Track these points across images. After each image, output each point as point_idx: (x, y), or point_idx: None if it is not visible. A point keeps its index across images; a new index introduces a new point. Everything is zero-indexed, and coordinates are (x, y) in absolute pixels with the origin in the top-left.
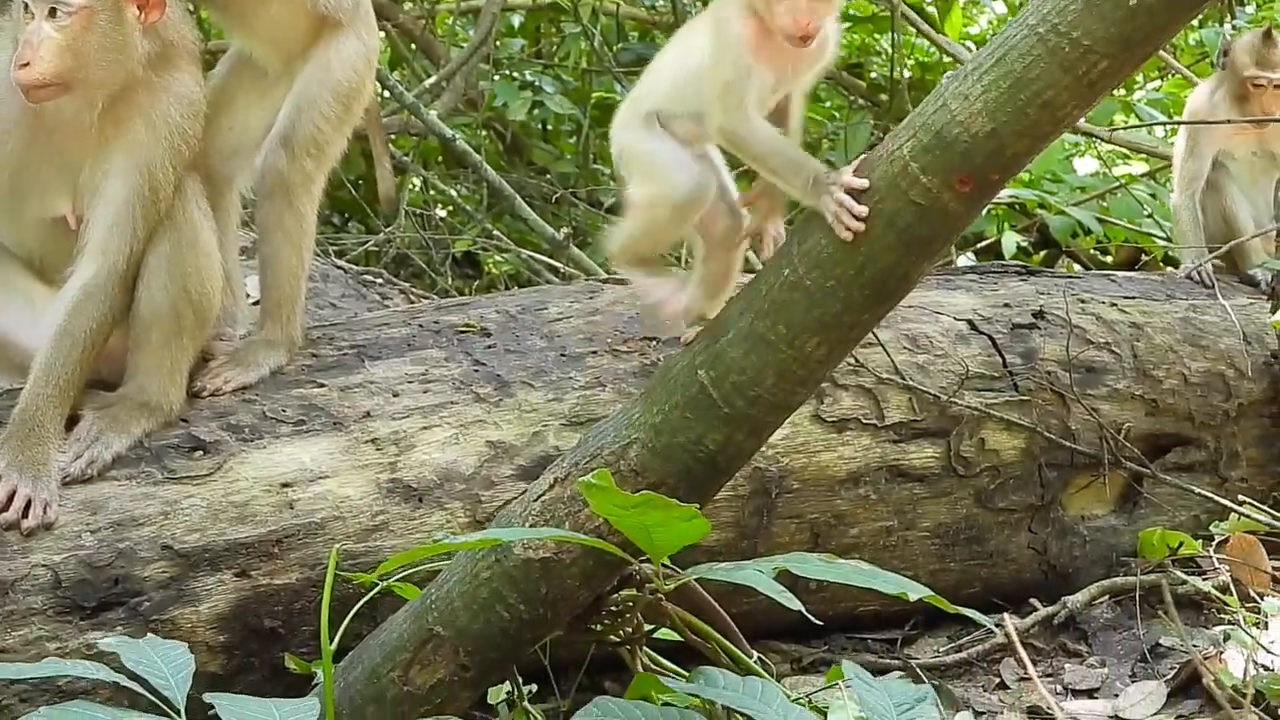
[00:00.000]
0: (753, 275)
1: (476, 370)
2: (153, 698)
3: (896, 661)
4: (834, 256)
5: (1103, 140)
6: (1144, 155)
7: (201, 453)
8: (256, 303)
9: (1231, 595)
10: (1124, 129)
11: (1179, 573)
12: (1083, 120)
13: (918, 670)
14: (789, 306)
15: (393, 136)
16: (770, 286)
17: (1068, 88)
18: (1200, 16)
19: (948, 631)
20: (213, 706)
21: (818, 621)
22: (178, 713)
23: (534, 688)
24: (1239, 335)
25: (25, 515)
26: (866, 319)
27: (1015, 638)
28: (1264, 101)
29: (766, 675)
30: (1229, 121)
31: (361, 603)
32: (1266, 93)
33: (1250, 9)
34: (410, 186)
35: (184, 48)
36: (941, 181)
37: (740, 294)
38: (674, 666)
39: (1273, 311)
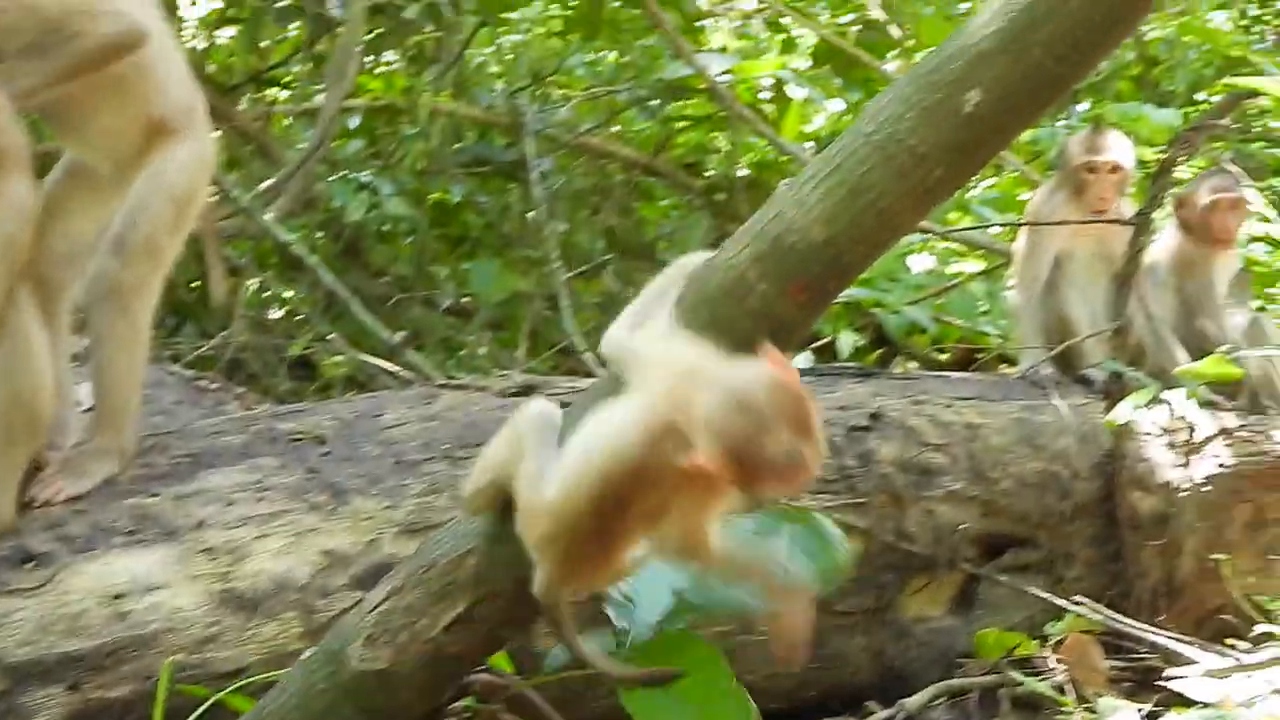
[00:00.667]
0: None
1: (311, 478)
2: None
3: None
4: None
5: (941, 238)
6: (980, 253)
7: (33, 564)
8: (89, 410)
9: (1068, 696)
10: (962, 229)
11: (1015, 674)
12: None
13: None
14: None
15: (229, 238)
16: (605, 392)
17: (903, 195)
18: None
19: None
20: None
21: None
22: None
23: None
24: (1074, 435)
25: None
26: None
27: None
28: (1098, 190)
29: None
30: (1065, 223)
31: (194, 717)
32: (1100, 179)
33: (1083, 106)
34: (246, 288)
35: (14, 153)
36: (778, 289)
37: (574, 405)
38: None
39: (1107, 411)
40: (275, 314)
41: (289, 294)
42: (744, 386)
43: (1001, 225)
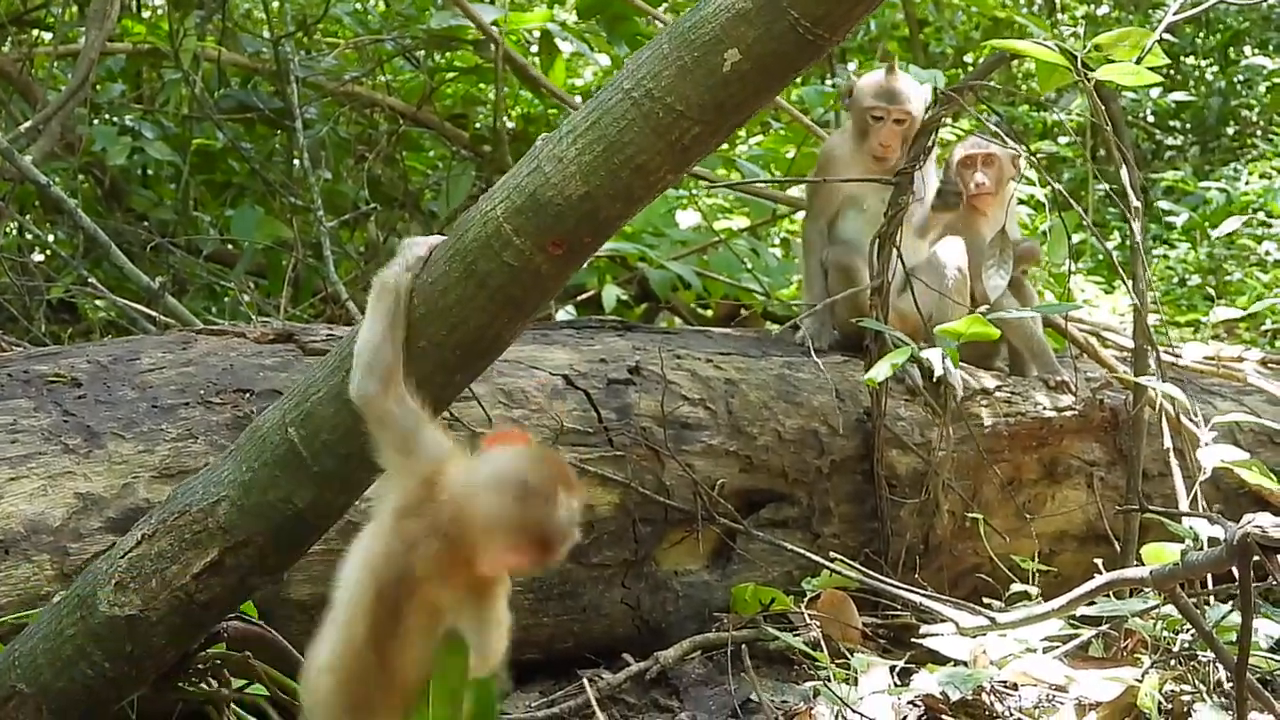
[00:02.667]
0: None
1: (66, 421)
2: None
3: None
4: (426, 317)
5: (707, 193)
6: (745, 210)
7: None
8: None
9: (822, 651)
10: (742, 184)
11: (770, 629)
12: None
13: None
14: None
15: None
16: None
17: (661, 152)
18: (803, 73)
19: (540, 686)
20: None
21: None
22: None
23: None
24: (832, 392)
25: None
26: (459, 379)
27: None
28: (881, 137)
29: None
30: (828, 180)
31: None
32: (885, 127)
33: (852, 66)
34: (5, 231)
35: None
36: (534, 243)
37: (332, 351)
38: None
39: (866, 369)
40: (37, 258)
41: (49, 238)
42: (513, 473)
43: (766, 182)
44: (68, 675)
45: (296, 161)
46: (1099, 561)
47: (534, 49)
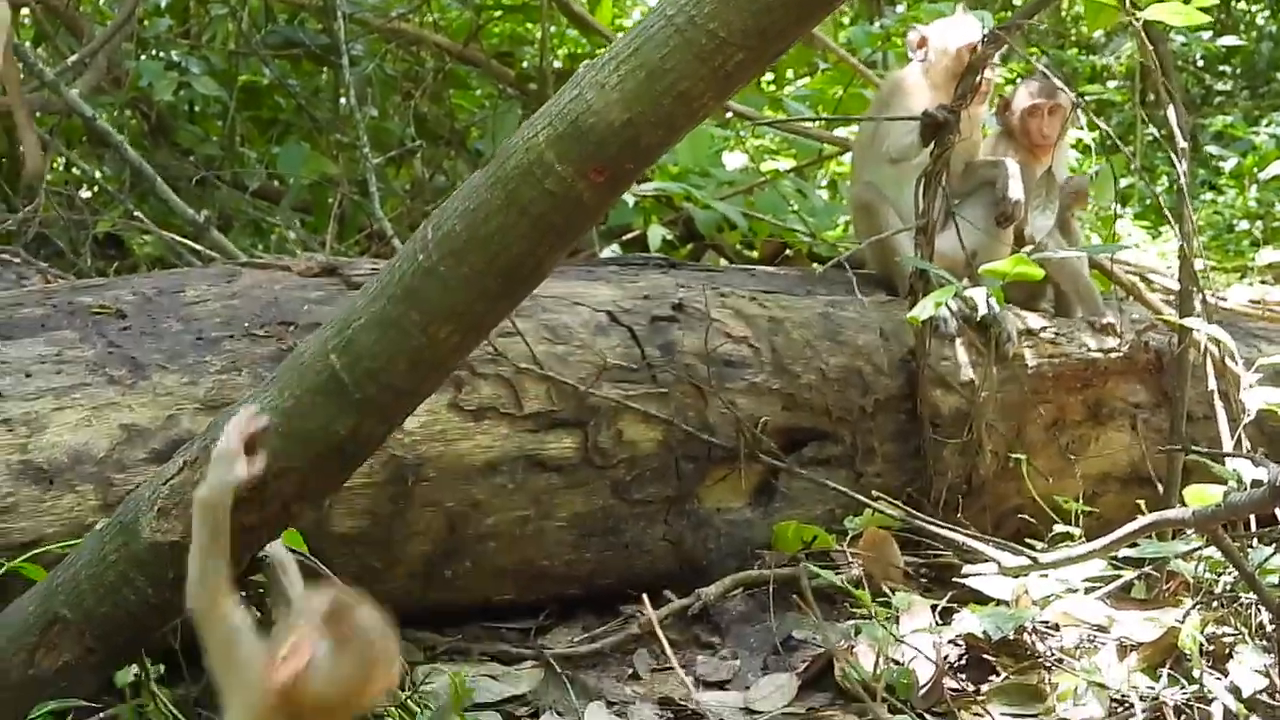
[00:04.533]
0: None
1: (111, 352)
2: None
3: (530, 651)
4: (468, 244)
5: (753, 134)
6: (792, 151)
7: None
8: None
9: (864, 590)
10: (793, 120)
11: (813, 566)
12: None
13: (551, 660)
14: (422, 293)
15: (35, 115)
16: (404, 273)
17: (703, 79)
18: (850, 13)
19: (582, 622)
20: None
21: None
22: None
23: (162, 668)
24: (877, 332)
25: None
26: (501, 307)
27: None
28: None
29: None
30: (867, 120)
31: None
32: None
33: (901, 8)
34: (53, 165)
35: None
36: (576, 171)
37: (374, 279)
38: None
39: (910, 309)
40: (84, 194)
41: (96, 173)
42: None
43: (813, 120)
44: (110, 601)
45: (343, 99)
46: (1141, 503)
47: None
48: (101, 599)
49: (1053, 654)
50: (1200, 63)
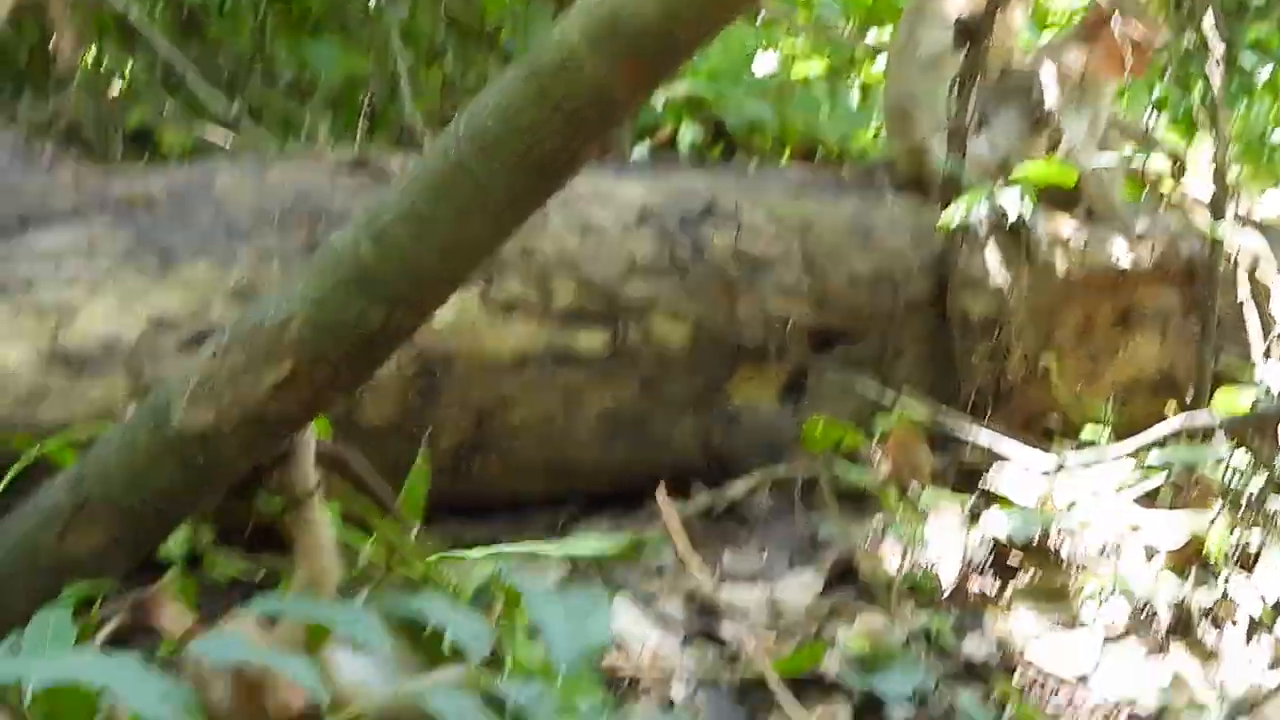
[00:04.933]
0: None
1: (141, 242)
2: None
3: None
4: (500, 140)
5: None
6: (827, 54)
7: None
8: None
9: (890, 489)
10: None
11: (841, 465)
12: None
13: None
14: (453, 187)
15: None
16: (435, 167)
17: None
18: None
19: (609, 516)
20: None
21: None
22: None
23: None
24: (908, 235)
25: None
26: (531, 202)
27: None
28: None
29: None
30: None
31: (16, 468)
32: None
33: None
34: (82, 60)
35: None
36: (610, 66)
37: (405, 173)
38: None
39: (941, 211)
40: (116, 86)
41: (127, 65)
42: None
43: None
44: (140, 486)
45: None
46: (1170, 410)
47: None
48: (131, 485)
49: (1078, 557)
50: None
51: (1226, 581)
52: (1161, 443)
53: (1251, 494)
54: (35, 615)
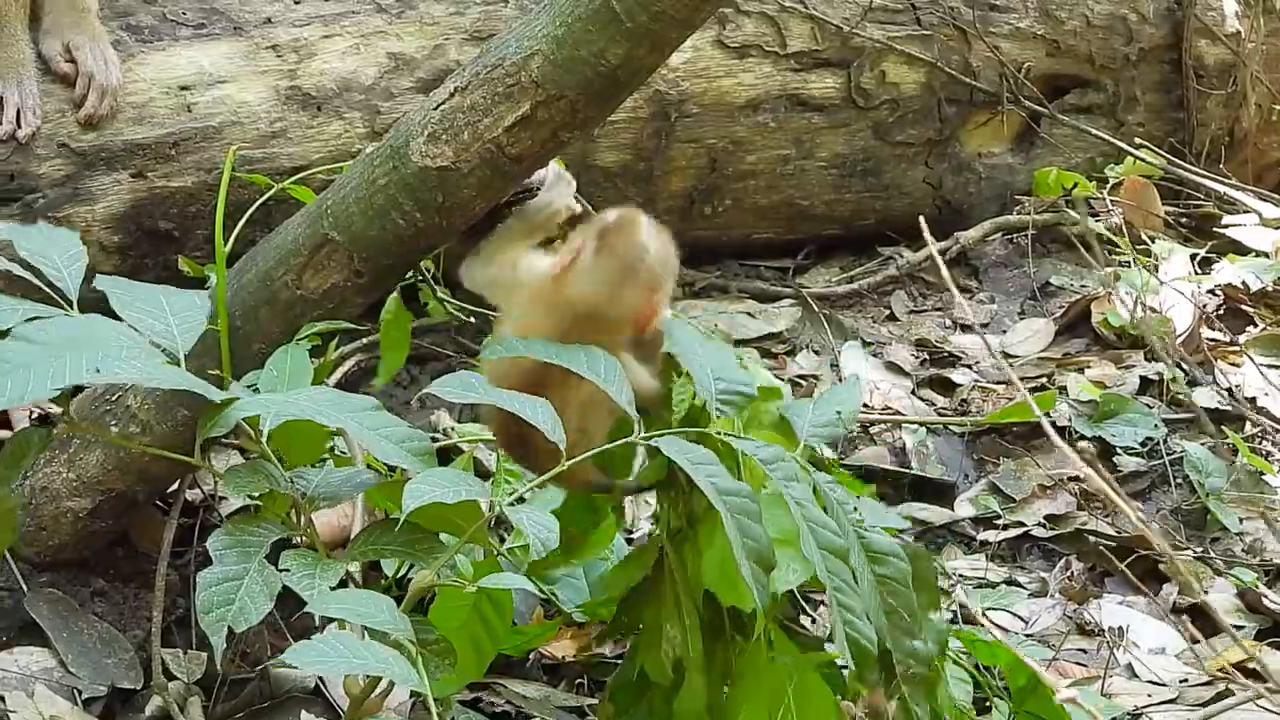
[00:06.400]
0: None
1: None
2: (46, 289)
3: (788, 289)
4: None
5: None
6: None
7: None
8: None
9: (1123, 237)
10: None
11: (1072, 212)
12: None
13: (808, 299)
14: None
15: None
16: None
17: None
18: None
19: (840, 262)
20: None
21: None
22: (70, 304)
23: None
24: None
25: (19, 124)
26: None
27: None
28: None
29: None
30: None
31: (257, 205)
32: None
33: None
34: None
35: None
36: None
37: None
38: None
39: None
40: None
41: None
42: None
43: None
44: (378, 224)
45: None
46: None
47: None
48: (369, 222)
49: None
50: None
51: None
52: None
53: None
54: (273, 353)
